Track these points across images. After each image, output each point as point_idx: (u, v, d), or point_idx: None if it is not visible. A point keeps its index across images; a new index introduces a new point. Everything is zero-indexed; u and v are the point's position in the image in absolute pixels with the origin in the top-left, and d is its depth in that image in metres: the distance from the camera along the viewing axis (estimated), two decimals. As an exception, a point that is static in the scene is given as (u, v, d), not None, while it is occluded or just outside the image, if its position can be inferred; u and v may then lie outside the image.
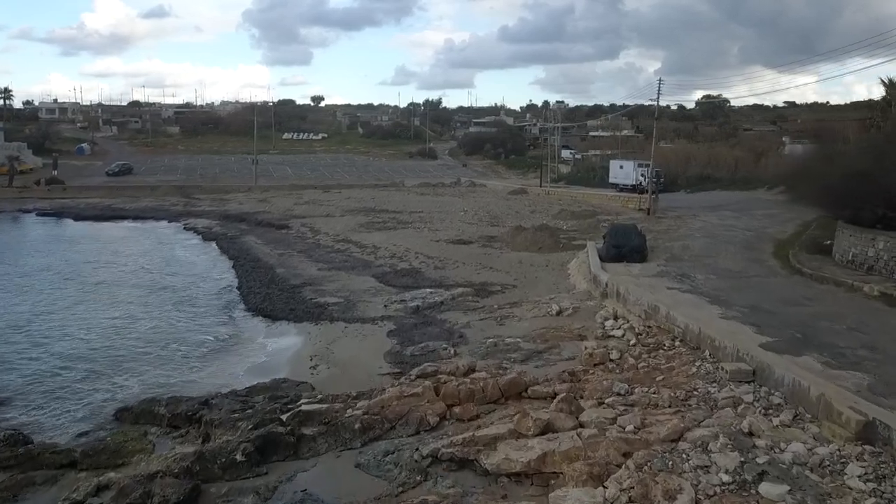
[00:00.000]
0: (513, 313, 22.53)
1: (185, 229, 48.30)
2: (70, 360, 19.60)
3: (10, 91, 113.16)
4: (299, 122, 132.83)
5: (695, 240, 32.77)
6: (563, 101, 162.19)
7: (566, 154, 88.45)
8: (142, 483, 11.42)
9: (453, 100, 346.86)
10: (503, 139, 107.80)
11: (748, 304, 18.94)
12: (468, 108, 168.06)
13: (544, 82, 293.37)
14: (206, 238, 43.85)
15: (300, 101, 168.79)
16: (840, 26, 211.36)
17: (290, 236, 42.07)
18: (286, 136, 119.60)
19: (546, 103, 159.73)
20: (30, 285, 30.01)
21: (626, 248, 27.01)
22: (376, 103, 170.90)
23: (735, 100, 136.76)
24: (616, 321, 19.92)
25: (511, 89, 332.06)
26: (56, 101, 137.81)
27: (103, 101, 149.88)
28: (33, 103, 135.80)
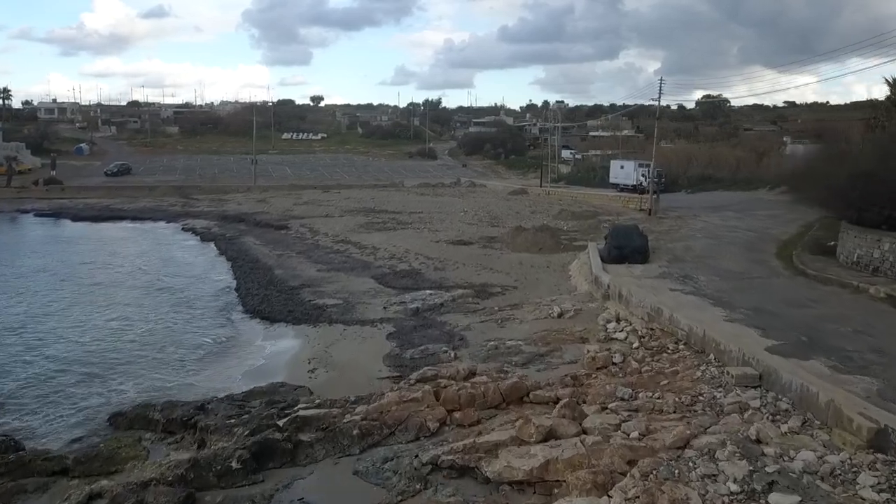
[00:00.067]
0: (513, 315, 22.27)
1: (184, 230, 48.02)
2: (65, 363, 19.32)
3: (9, 91, 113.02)
4: (299, 122, 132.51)
5: (697, 240, 32.51)
6: (562, 101, 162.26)
7: (566, 154, 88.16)
8: (135, 491, 11.19)
9: (453, 100, 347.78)
10: (503, 139, 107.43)
11: (752, 306, 18.70)
12: (468, 108, 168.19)
13: (544, 82, 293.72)
14: (204, 239, 43.59)
15: (300, 101, 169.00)
16: (839, 26, 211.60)
17: (288, 237, 41.79)
18: (285, 136, 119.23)
19: (546, 103, 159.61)
20: (25, 287, 29.74)
21: (628, 248, 26.76)
22: (376, 103, 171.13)
23: (735, 100, 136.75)
24: (618, 323, 19.65)
25: (511, 89, 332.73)
26: (55, 101, 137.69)
27: (102, 102, 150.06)
28: (32, 103, 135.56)
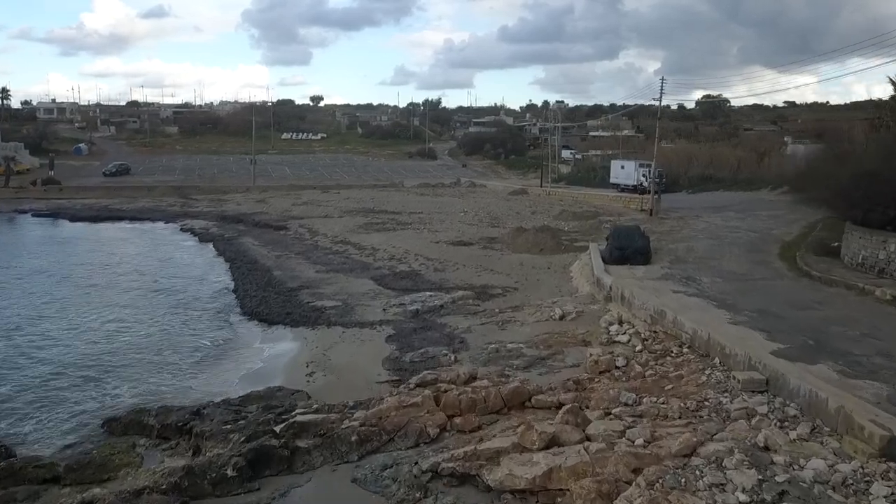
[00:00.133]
0: (514, 317, 22.00)
1: (182, 230, 47.73)
2: (59, 366, 19.01)
3: (8, 91, 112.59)
4: (298, 122, 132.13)
5: (699, 241, 32.25)
6: (562, 101, 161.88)
7: (566, 154, 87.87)
8: (127, 500, 10.96)
9: (453, 100, 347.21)
10: (503, 139, 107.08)
11: (756, 309, 18.45)
12: (468, 108, 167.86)
13: (544, 82, 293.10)
14: (202, 239, 43.30)
15: (299, 101, 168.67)
16: (839, 26, 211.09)
17: (287, 237, 41.52)
18: (285, 136, 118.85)
19: (546, 103, 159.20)
20: (21, 288, 29.45)
21: (630, 249, 26.52)
22: (375, 103, 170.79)
23: (735, 100, 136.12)
24: (621, 326, 19.40)
25: (511, 89, 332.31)
26: (54, 101, 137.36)
27: (102, 102, 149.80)
28: (31, 103, 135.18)
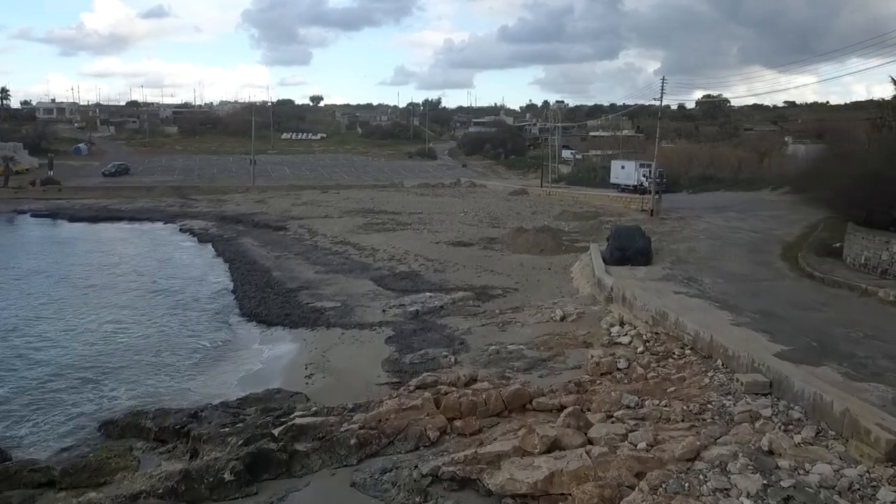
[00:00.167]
0: (515, 319, 21.85)
1: (181, 231, 47.57)
2: (56, 368, 18.88)
3: (8, 91, 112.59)
4: (298, 122, 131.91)
5: (700, 242, 32.10)
6: (562, 101, 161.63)
7: (566, 154, 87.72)
8: (123, 504, 10.78)
9: (453, 100, 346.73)
10: (503, 139, 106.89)
11: (759, 310, 18.32)
12: (468, 108, 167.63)
13: (544, 82, 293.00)
14: (201, 240, 43.14)
15: (299, 101, 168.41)
16: (839, 26, 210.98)
17: (287, 238, 41.37)
18: (285, 136, 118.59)
19: (546, 103, 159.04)
20: (19, 288, 29.30)
21: (631, 250, 26.38)
22: (375, 103, 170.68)
23: (735, 100, 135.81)
24: (622, 327, 19.24)
25: (511, 89, 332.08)
26: (54, 101, 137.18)
27: (102, 102, 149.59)
28: (31, 103, 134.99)
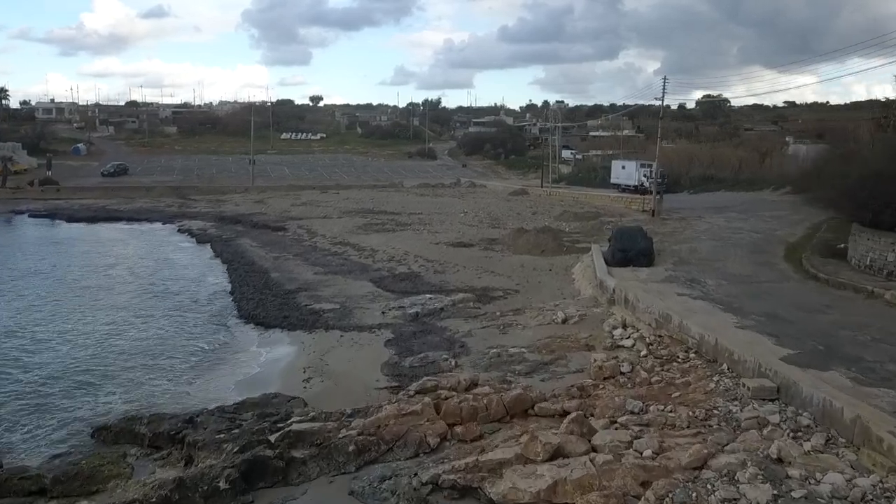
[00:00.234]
0: (516, 321, 21.59)
1: (180, 231, 47.29)
2: (50, 371, 18.59)
3: (7, 91, 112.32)
4: (297, 122, 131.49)
5: (702, 242, 31.81)
6: (562, 101, 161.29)
7: (567, 154, 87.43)
8: (116, 514, 10.52)
9: (453, 100, 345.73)
10: (503, 139, 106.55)
11: (764, 312, 18.08)
12: (468, 108, 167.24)
13: (544, 82, 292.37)
14: (200, 240, 42.84)
15: (299, 102, 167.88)
16: (839, 26, 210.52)
17: (286, 239, 41.10)
18: (284, 136, 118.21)
19: (546, 103, 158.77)
20: (14, 290, 28.98)
21: (633, 251, 26.07)
22: (375, 103, 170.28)
23: (735, 100, 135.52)
24: (625, 330, 18.99)
25: (511, 89, 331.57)
26: (53, 101, 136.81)
27: (101, 102, 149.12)
28: (30, 103, 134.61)
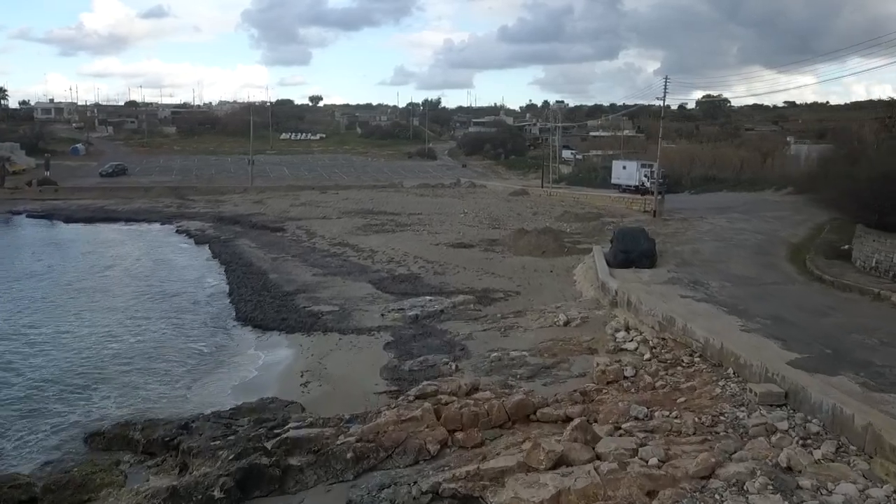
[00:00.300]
0: (517, 323, 21.32)
1: (178, 232, 47.02)
2: (45, 375, 18.35)
3: (6, 91, 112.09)
4: (297, 123, 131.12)
5: (704, 243, 31.52)
6: (562, 101, 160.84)
7: (567, 154, 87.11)
8: (107, 524, 10.25)
9: (452, 100, 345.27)
10: (503, 139, 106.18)
11: (769, 315, 17.81)
12: (467, 108, 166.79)
13: (544, 82, 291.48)
14: (198, 241, 42.58)
15: (299, 102, 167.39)
16: (839, 26, 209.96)
17: (284, 239, 40.82)
18: (284, 136, 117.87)
19: (546, 103, 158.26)
20: (9, 292, 28.70)
21: (635, 252, 25.77)
22: (375, 103, 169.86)
23: (735, 100, 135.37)
24: (628, 333, 18.70)
25: (510, 89, 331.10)
26: (52, 101, 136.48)
27: (101, 102, 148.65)
28: (29, 103, 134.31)
